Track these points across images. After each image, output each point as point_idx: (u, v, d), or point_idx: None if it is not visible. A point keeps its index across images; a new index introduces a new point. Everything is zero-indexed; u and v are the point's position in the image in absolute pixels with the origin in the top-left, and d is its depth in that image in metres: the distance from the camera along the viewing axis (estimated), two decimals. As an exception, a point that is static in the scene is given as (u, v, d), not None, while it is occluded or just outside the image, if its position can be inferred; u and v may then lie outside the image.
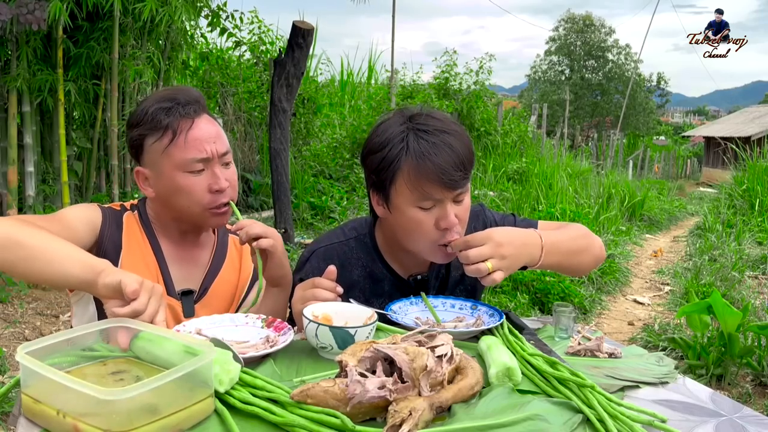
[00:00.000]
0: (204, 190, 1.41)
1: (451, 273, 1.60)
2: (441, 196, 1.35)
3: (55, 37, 4.54)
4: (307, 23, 5.29)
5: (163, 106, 1.39)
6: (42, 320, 3.97)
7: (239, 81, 7.75)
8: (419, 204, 1.36)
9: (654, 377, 1.21)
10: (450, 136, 1.36)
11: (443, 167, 1.33)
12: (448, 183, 1.33)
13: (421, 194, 1.35)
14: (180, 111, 1.39)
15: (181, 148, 1.38)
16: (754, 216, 8.24)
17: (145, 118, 1.40)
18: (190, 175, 1.40)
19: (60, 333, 1.01)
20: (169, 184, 1.41)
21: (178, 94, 1.42)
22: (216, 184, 1.40)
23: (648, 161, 24.67)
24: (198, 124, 1.40)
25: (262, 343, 1.23)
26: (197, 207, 1.42)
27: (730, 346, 3.46)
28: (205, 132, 1.41)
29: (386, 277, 1.53)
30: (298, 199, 6.99)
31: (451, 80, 10.91)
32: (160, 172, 1.41)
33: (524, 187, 8.16)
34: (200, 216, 1.44)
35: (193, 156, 1.38)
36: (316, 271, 1.42)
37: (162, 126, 1.38)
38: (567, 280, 5.16)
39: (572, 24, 37.66)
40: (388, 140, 1.38)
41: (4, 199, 4.68)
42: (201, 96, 1.47)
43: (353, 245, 1.53)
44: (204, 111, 1.45)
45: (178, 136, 1.38)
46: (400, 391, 0.96)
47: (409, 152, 1.34)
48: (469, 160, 1.38)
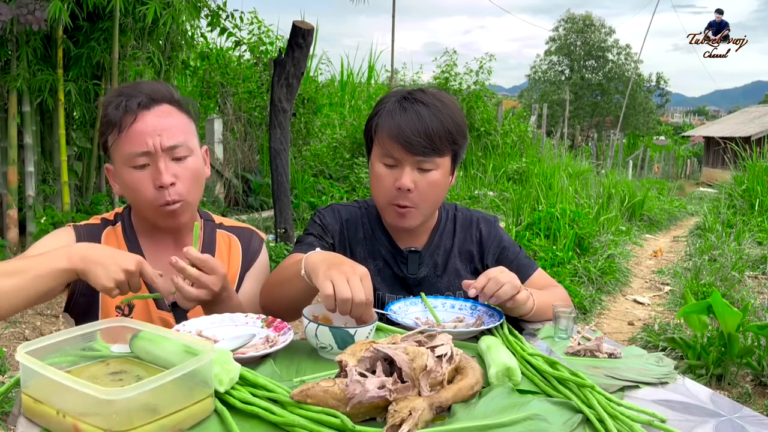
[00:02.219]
0: (148, 187, 1.36)
1: (449, 261, 1.63)
2: (399, 156, 1.47)
3: (55, 37, 4.54)
4: (307, 23, 5.28)
5: (112, 102, 1.38)
6: (42, 320, 3.97)
7: (239, 81, 7.74)
8: (382, 160, 1.51)
9: (654, 377, 1.21)
10: (425, 107, 1.47)
11: (403, 128, 1.45)
12: (405, 144, 1.45)
13: (383, 150, 1.49)
14: (124, 105, 1.36)
15: (124, 142, 1.36)
16: (754, 216, 8.23)
17: (102, 116, 1.40)
18: (134, 171, 1.36)
19: (60, 333, 1.01)
20: (120, 181, 1.40)
21: (126, 89, 1.40)
22: (158, 179, 1.35)
23: (648, 161, 24.69)
24: (143, 117, 1.36)
25: (262, 343, 1.23)
26: (145, 203, 1.38)
27: (730, 346, 3.46)
28: (149, 125, 1.35)
29: (384, 244, 1.62)
30: (298, 199, 6.99)
31: (451, 80, 10.89)
32: (115, 168, 1.41)
33: (524, 187, 8.15)
34: (151, 215, 1.40)
35: (134, 149, 1.35)
36: (328, 214, 1.63)
37: (112, 122, 1.37)
38: (567, 280, 5.16)
39: (572, 24, 37.64)
40: (378, 107, 1.54)
41: (4, 199, 4.68)
42: (159, 88, 1.42)
43: (362, 212, 1.66)
44: (157, 103, 1.38)
45: (122, 130, 1.35)
46: (400, 391, 0.96)
47: (384, 112, 1.50)
48: (438, 133, 1.46)
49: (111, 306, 1.42)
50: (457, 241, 1.65)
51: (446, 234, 1.65)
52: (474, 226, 1.68)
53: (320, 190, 7.50)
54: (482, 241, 1.66)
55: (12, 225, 4.67)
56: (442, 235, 1.65)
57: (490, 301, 1.37)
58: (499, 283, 1.35)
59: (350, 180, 8.05)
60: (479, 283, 1.36)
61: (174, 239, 1.50)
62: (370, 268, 1.52)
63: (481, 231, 1.67)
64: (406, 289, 1.60)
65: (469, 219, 1.69)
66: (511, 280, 1.37)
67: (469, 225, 1.68)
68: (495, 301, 1.37)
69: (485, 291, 1.36)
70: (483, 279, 1.37)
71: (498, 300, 1.36)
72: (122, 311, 1.43)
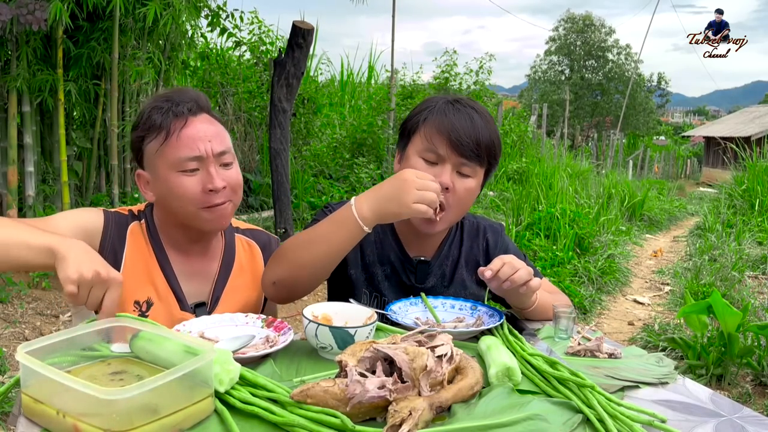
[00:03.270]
0: (197, 191, 1.37)
1: (456, 271, 1.62)
2: (444, 153, 1.45)
3: (55, 37, 4.53)
4: (307, 23, 5.29)
5: (158, 106, 1.39)
6: (42, 320, 3.97)
7: (239, 81, 7.74)
8: (424, 155, 1.47)
9: (654, 377, 1.21)
10: (477, 114, 1.48)
11: (456, 126, 1.45)
12: (455, 142, 1.44)
13: (428, 144, 1.46)
14: (174, 110, 1.38)
15: (173, 147, 1.36)
16: (754, 216, 8.23)
17: (143, 119, 1.39)
18: (182, 175, 1.37)
19: (60, 333, 1.01)
20: (163, 186, 1.38)
21: (174, 95, 1.42)
22: (210, 183, 1.36)
23: (648, 161, 24.68)
24: (192, 122, 1.38)
25: (262, 343, 1.23)
26: (191, 207, 1.38)
27: (730, 346, 3.46)
28: (200, 131, 1.38)
29: (394, 249, 1.60)
30: (298, 199, 6.99)
31: (451, 80, 10.89)
32: (156, 173, 1.39)
33: (524, 187, 8.15)
34: (195, 217, 1.39)
35: (185, 154, 1.36)
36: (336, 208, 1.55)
37: (157, 126, 1.37)
38: (567, 280, 5.16)
39: (572, 24, 37.64)
40: (427, 104, 1.53)
41: (4, 199, 4.68)
42: (201, 96, 1.45)
43: None
44: (203, 111, 1.42)
45: (171, 135, 1.36)
46: (400, 391, 0.96)
47: (436, 110, 1.49)
48: (486, 142, 1.47)
49: (129, 300, 1.41)
50: (464, 250, 1.65)
51: (454, 244, 1.65)
52: (481, 236, 1.68)
53: (320, 190, 7.49)
54: (488, 251, 1.66)
55: (12, 225, 4.67)
56: (451, 244, 1.64)
57: (504, 285, 1.35)
58: (514, 267, 1.35)
59: (350, 180, 8.04)
60: (495, 265, 1.35)
61: (202, 247, 1.50)
62: (377, 273, 1.54)
63: (487, 240, 1.67)
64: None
65: (476, 228, 1.69)
66: (524, 266, 1.37)
67: (476, 234, 1.68)
68: (509, 286, 1.35)
69: (500, 274, 1.34)
70: (498, 262, 1.36)
71: (513, 284, 1.34)
72: (140, 307, 1.42)
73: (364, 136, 8.74)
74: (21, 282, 4.25)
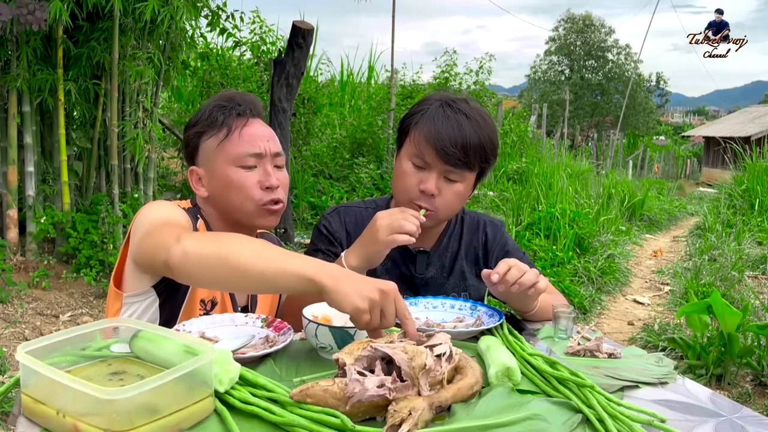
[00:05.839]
0: (255, 186, 1.43)
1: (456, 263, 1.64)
2: (430, 161, 1.47)
3: (55, 37, 4.53)
4: (307, 23, 5.29)
5: (221, 105, 1.46)
6: (42, 320, 3.97)
7: (239, 81, 7.73)
8: (412, 159, 1.51)
9: (653, 377, 1.21)
10: (466, 119, 1.47)
11: (442, 135, 1.45)
12: (440, 151, 1.45)
13: (415, 150, 1.49)
14: (236, 110, 1.45)
15: (235, 143, 1.43)
16: (754, 216, 8.23)
17: (203, 117, 1.45)
18: (242, 170, 1.42)
19: (60, 332, 1.01)
20: (221, 180, 1.43)
21: (236, 96, 1.50)
22: (267, 180, 1.43)
23: (648, 161, 24.67)
24: (252, 123, 1.46)
25: (262, 343, 1.23)
26: (249, 203, 1.43)
27: (730, 346, 3.46)
28: (259, 130, 1.46)
29: None
30: (298, 199, 6.99)
31: (451, 80, 10.88)
32: (213, 168, 1.44)
33: (524, 187, 8.14)
34: (252, 213, 1.44)
35: (246, 150, 1.42)
36: (334, 220, 1.63)
37: (218, 123, 1.44)
38: (567, 280, 5.16)
39: (572, 24, 37.60)
40: (421, 107, 1.54)
41: (4, 199, 4.68)
42: (258, 101, 1.52)
43: (369, 212, 1.64)
44: (259, 115, 1.50)
45: (233, 131, 1.43)
46: (400, 390, 0.96)
47: (426, 116, 1.49)
48: (474, 148, 1.46)
49: (197, 297, 1.42)
50: (463, 243, 1.67)
51: (454, 236, 1.68)
52: (480, 230, 1.70)
53: (320, 190, 7.49)
54: (487, 244, 1.68)
55: (12, 225, 4.67)
56: (450, 237, 1.67)
57: (512, 288, 1.34)
58: (521, 270, 1.35)
59: (350, 180, 8.04)
60: (501, 269, 1.35)
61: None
62: (377, 268, 1.55)
63: (486, 234, 1.69)
64: (412, 289, 1.62)
65: (476, 222, 1.71)
66: (529, 268, 1.37)
67: (476, 228, 1.70)
68: (517, 289, 1.34)
69: (508, 277, 1.34)
70: (504, 265, 1.35)
71: (521, 287, 1.34)
72: (205, 306, 1.44)
73: (364, 136, 8.74)
74: (21, 282, 4.25)
